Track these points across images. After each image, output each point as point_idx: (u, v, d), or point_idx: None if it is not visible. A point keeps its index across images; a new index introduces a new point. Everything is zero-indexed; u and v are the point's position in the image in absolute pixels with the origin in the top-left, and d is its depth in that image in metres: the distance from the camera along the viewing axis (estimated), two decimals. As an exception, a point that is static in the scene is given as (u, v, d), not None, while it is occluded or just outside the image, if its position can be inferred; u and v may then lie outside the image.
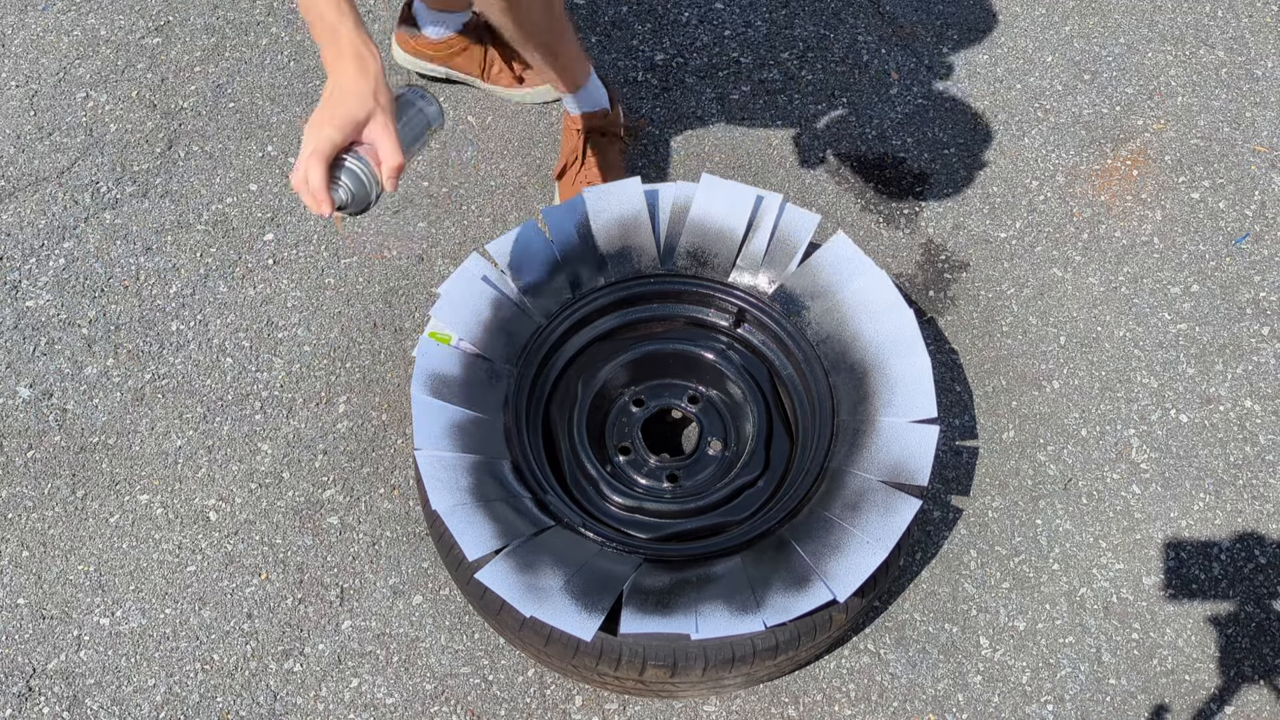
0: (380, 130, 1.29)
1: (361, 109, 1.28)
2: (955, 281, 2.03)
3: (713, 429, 1.75)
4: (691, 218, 1.78)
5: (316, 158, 1.25)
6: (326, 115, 1.27)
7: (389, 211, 2.10)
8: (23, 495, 1.80)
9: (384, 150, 1.30)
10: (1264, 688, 1.65)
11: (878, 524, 1.51)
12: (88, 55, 2.29)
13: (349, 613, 1.70)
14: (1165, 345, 1.95)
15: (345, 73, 1.28)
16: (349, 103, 1.27)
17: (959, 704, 1.64)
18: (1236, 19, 2.37)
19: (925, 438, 1.58)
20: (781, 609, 1.44)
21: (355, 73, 1.28)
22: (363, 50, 1.29)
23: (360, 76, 1.28)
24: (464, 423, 1.60)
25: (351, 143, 1.30)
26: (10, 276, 2.01)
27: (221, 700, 1.63)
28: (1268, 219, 2.10)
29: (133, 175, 2.13)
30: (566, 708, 1.62)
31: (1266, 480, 1.82)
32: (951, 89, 2.27)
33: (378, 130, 1.29)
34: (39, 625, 1.69)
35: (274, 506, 1.79)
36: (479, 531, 1.50)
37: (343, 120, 1.27)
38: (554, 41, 1.87)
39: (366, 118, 1.28)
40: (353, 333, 1.96)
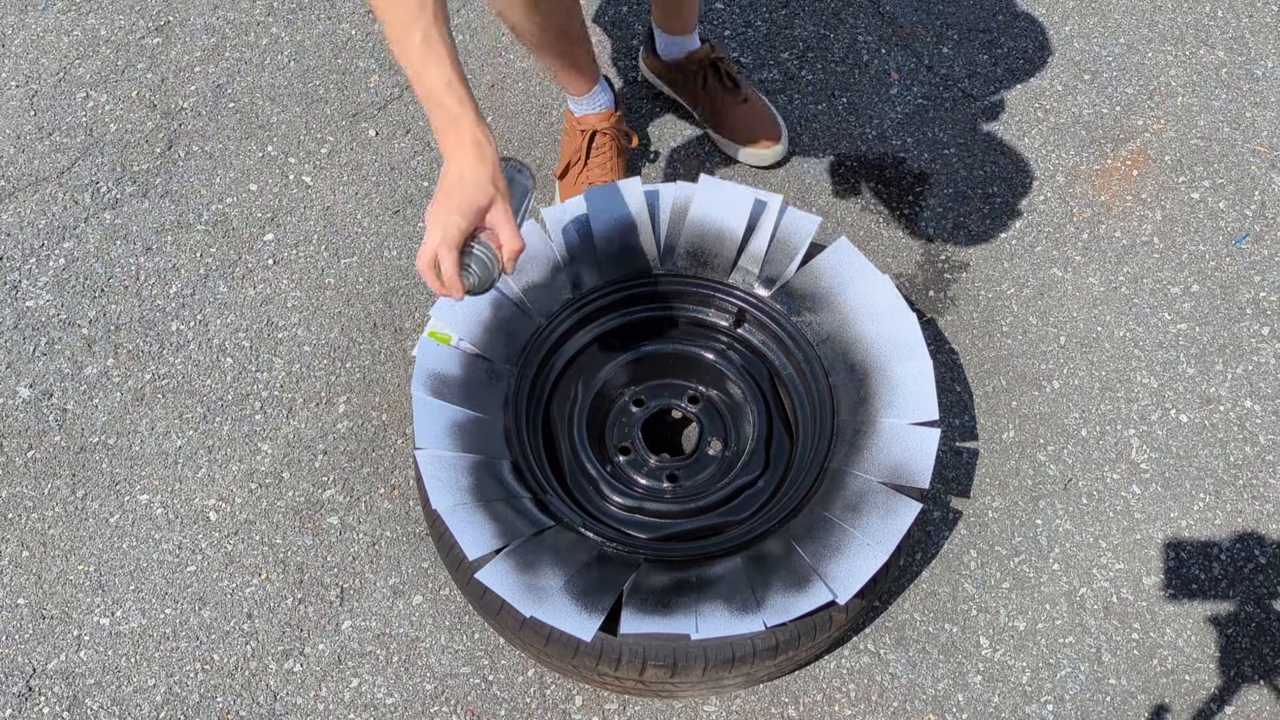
0: (500, 216, 1.36)
1: (484, 196, 1.34)
2: (955, 281, 2.03)
3: (713, 429, 1.75)
4: (691, 218, 1.78)
5: (447, 246, 1.32)
6: (452, 203, 1.33)
7: (389, 211, 2.10)
8: (23, 495, 1.80)
9: (505, 236, 1.37)
10: (1264, 688, 1.65)
11: (878, 526, 1.51)
12: (88, 55, 2.29)
13: (349, 613, 1.70)
14: (1165, 345, 1.95)
15: (466, 160, 1.33)
16: (472, 190, 1.33)
17: (959, 704, 1.64)
18: (1236, 19, 2.37)
19: (926, 440, 1.58)
20: (782, 609, 1.44)
21: (476, 160, 1.34)
22: (481, 138, 1.34)
23: (480, 164, 1.34)
24: (464, 422, 1.60)
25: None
26: (10, 276, 2.01)
27: (221, 700, 1.63)
28: (1268, 219, 2.10)
29: (133, 175, 2.13)
30: (566, 708, 1.62)
31: (1266, 480, 1.82)
32: (951, 89, 2.27)
33: (498, 216, 1.36)
34: (39, 625, 1.69)
35: (274, 506, 1.79)
36: (479, 531, 1.50)
37: (468, 208, 1.33)
38: (571, 47, 1.88)
39: (488, 204, 1.35)
40: (353, 333, 1.96)
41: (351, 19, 2.35)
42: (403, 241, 2.06)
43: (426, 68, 1.32)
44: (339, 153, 2.17)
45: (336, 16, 2.36)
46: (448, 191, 1.34)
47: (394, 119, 2.21)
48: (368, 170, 2.15)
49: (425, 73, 1.33)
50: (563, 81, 1.98)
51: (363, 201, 2.11)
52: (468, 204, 1.33)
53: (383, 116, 2.22)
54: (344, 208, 2.10)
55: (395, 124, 2.21)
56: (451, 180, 1.34)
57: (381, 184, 2.13)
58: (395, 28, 1.33)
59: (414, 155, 2.17)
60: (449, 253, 1.33)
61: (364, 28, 2.34)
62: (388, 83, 2.26)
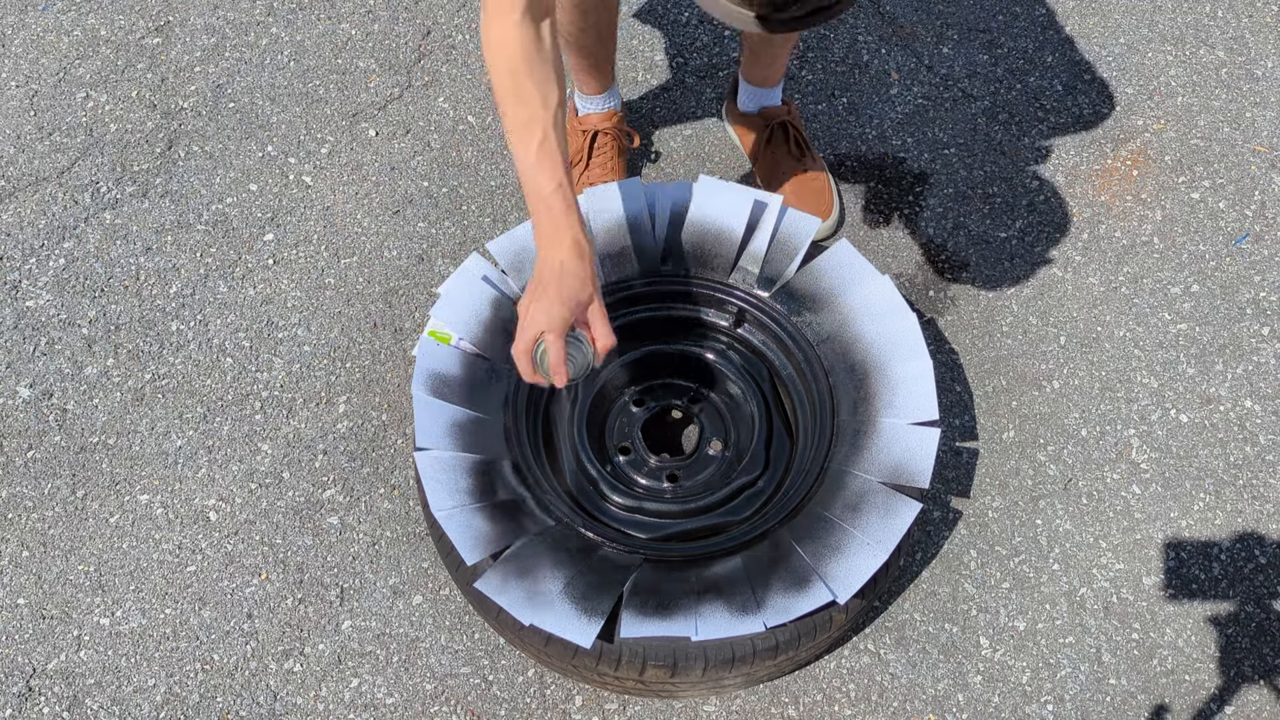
0: (597, 312, 1.45)
1: (584, 292, 1.42)
2: (955, 281, 2.03)
3: (713, 429, 1.75)
4: (691, 218, 1.78)
5: (555, 334, 1.40)
6: (555, 295, 1.40)
7: (389, 211, 2.10)
8: (23, 495, 1.80)
9: (599, 331, 1.45)
10: (1264, 688, 1.65)
11: (878, 526, 1.51)
12: (88, 55, 2.29)
13: (349, 613, 1.70)
14: (1165, 345, 1.95)
15: (571, 256, 1.40)
16: (574, 285, 1.41)
17: (959, 704, 1.64)
18: (1236, 19, 2.37)
19: (926, 440, 1.58)
20: (782, 609, 1.44)
21: (576, 258, 1.41)
22: (581, 238, 1.42)
23: (580, 261, 1.41)
24: (464, 422, 1.60)
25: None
26: (10, 276, 2.01)
27: (221, 700, 1.63)
28: (1268, 219, 2.10)
29: (133, 175, 2.13)
30: (566, 708, 1.62)
31: (1266, 480, 1.82)
32: (951, 89, 2.27)
33: (595, 312, 1.45)
34: (39, 625, 1.69)
35: (274, 506, 1.79)
36: (477, 536, 1.50)
37: (571, 302, 1.40)
38: (602, 46, 1.88)
39: (587, 300, 1.43)
40: (353, 333, 1.96)
41: (351, 19, 2.35)
42: (403, 241, 2.06)
43: (540, 169, 1.39)
44: (339, 153, 2.17)
45: (336, 16, 2.36)
46: (550, 283, 1.40)
47: (394, 119, 2.22)
48: (368, 170, 2.15)
49: (538, 174, 1.39)
50: (580, 79, 1.98)
51: (363, 201, 2.11)
52: (570, 299, 1.40)
53: (383, 116, 2.22)
54: (344, 208, 2.10)
55: (395, 124, 2.21)
56: (553, 272, 1.40)
57: (381, 184, 2.13)
58: (516, 124, 1.39)
59: (414, 155, 2.17)
60: (558, 340, 1.40)
61: (364, 28, 2.34)
62: (388, 83, 2.26)
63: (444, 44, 2.32)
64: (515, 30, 1.35)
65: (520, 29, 1.35)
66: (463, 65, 2.29)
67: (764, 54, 1.97)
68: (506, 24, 1.35)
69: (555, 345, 1.40)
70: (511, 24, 1.35)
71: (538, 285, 1.41)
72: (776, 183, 2.06)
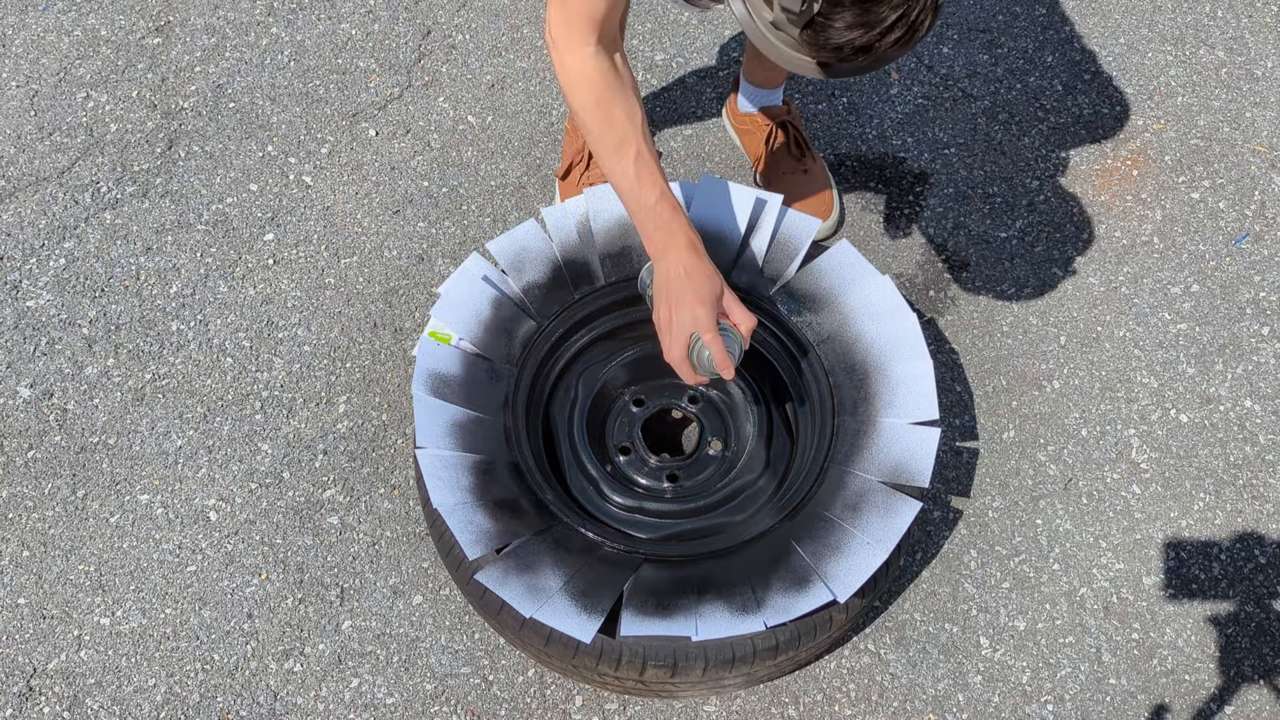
0: (731, 300, 1.49)
1: (716, 285, 1.47)
2: (955, 281, 2.03)
3: (713, 429, 1.75)
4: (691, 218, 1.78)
5: (711, 334, 1.45)
6: (693, 297, 1.44)
7: (389, 211, 2.10)
8: (23, 495, 1.80)
9: (738, 316, 1.50)
10: (1264, 688, 1.65)
11: (878, 525, 1.51)
12: (88, 55, 2.29)
13: (349, 613, 1.70)
14: (1165, 345, 1.95)
15: (690, 257, 1.45)
16: (707, 284, 1.45)
17: (959, 704, 1.64)
18: (1236, 19, 2.37)
19: (926, 439, 1.58)
20: (782, 609, 1.44)
21: (698, 257, 1.46)
22: (694, 237, 1.46)
23: (702, 260, 1.46)
24: (464, 422, 1.60)
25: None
26: (10, 276, 2.01)
27: (221, 700, 1.63)
28: (1268, 219, 2.10)
29: (133, 175, 2.13)
30: (566, 708, 1.62)
31: (1266, 480, 1.82)
32: (951, 89, 2.27)
33: (729, 301, 1.49)
34: (39, 625, 1.69)
35: (274, 506, 1.79)
36: (479, 531, 1.50)
37: (711, 299, 1.45)
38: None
39: (720, 292, 1.47)
40: (353, 333, 1.96)
41: (351, 19, 2.35)
42: (403, 241, 2.06)
43: (642, 183, 1.44)
44: (339, 153, 2.17)
45: (336, 16, 2.36)
46: (684, 289, 1.45)
47: (394, 119, 2.22)
48: (368, 170, 2.15)
49: (641, 189, 1.44)
50: None
51: (363, 201, 2.11)
52: (709, 297, 1.45)
53: (383, 116, 2.22)
54: (344, 208, 2.10)
55: (395, 124, 2.21)
56: (679, 277, 1.45)
57: (381, 184, 2.13)
58: (609, 148, 1.43)
59: (414, 155, 2.17)
60: (716, 338, 1.44)
61: (364, 28, 2.34)
62: (388, 83, 2.26)
63: (444, 44, 2.32)
64: (593, 61, 1.41)
65: (597, 59, 1.41)
66: (463, 65, 2.29)
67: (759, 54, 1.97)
68: (582, 56, 1.41)
69: (714, 343, 1.45)
70: (588, 55, 1.41)
71: (671, 294, 1.45)
72: (776, 182, 2.06)
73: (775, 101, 2.07)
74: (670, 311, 1.46)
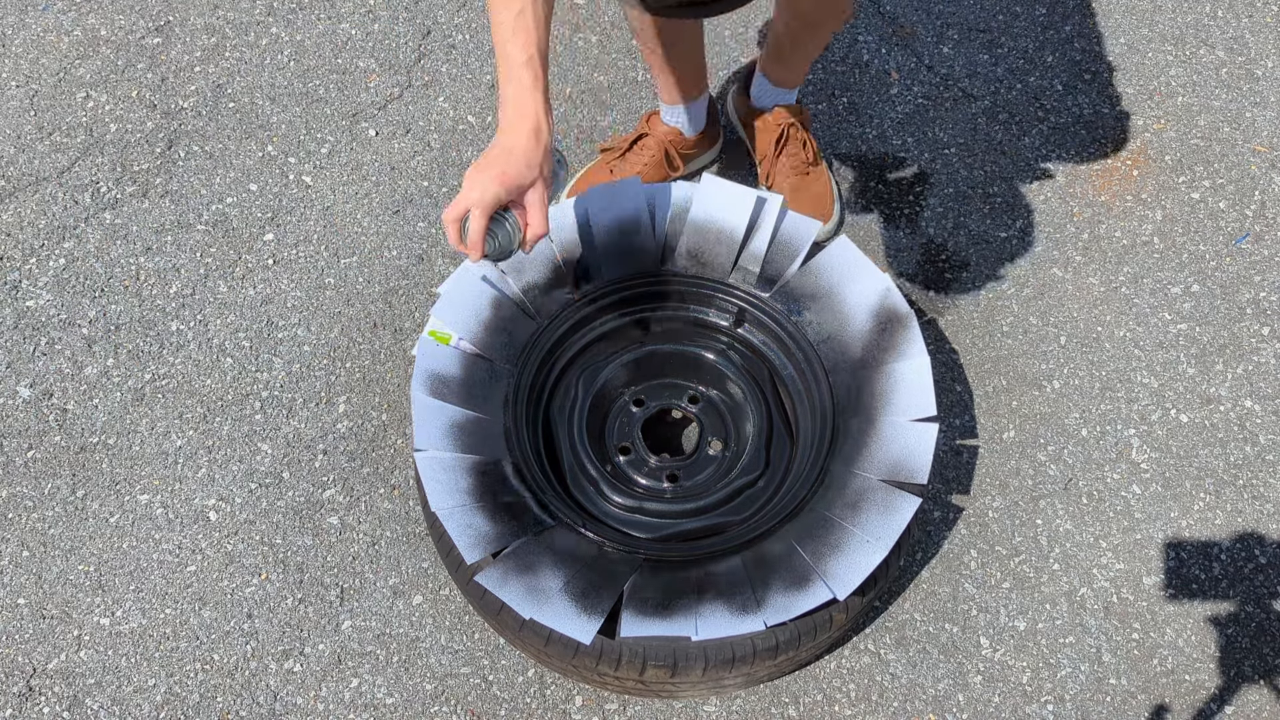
0: (536, 199, 1.40)
1: (529, 175, 1.38)
2: (955, 281, 2.03)
3: (713, 429, 1.75)
4: (692, 218, 1.78)
5: (481, 209, 1.36)
6: (496, 172, 1.36)
7: (389, 211, 2.10)
8: (23, 495, 1.80)
9: (534, 218, 1.41)
10: (1264, 688, 1.65)
11: (878, 522, 1.51)
12: (88, 55, 2.29)
13: (349, 613, 1.70)
14: (1165, 345, 1.95)
15: (521, 135, 1.37)
16: (519, 166, 1.37)
17: (959, 704, 1.64)
18: (1236, 19, 2.37)
19: (925, 436, 1.58)
20: (782, 609, 1.44)
21: (530, 139, 1.37)
22: (543, 121, 1.38)
23: (534, 144, 1.38)
24: (464, 423, 1.60)
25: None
26: (10, 276, 2.01)
27: (221, 700, 1.63)
28: (1268, 219, 2.10)
29: (133, 175, 2.13)
30: (566, 708, 1.62)
31: (1266, 480, 1.82)
32: (951, 89, 2.27)
33: (534, 198, 1.40)
34: (39, 625, 1.69)
35: (274, 506, 1.79)
36: (477, 535, 1.50)
37: (511, 182, 1.37)
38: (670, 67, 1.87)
39: (529, 185, 1.39)
40: (353, 333, 1.96)
41: (351, 19, 2.35)
42: (403, 241, 2.06)
43: (514, 39, 1.36)
44: (339, 153, 2.17)
45: (336, 16, 2.36)
46: (496, 159, 1.37)
47: (394, 119, 2.22)
48: (368, 170, 2.15)
49: (510, 44, 1.36)
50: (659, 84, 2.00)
51: (363, 201, 2.11)
52: (511, 178, 1.37)
53: (383, 116, 2.22)
54: (344, 208, 2.10)
55: (395, 124, 2.21)
56: (502, 150, 1.37)
57: (381, 184, 2.13)
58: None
59: (414, 155, 2.17)
60: (481, 216, 1.36)
61: (364, 28, 2.34)
62: (388, 83, 2.26)
63: (444, 44, 2.32)
64: None
65: None
66: (463, 65, 2.29)
67: (791, 56, 1.94)
68: None
69: (477, 220, 1.37)
70: None
71: (486, 157, 1.38)
72: (780, 183, 2.06)
73: (790, 101, 2.06)
74: (472, 172, 1.38)
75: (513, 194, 1.38)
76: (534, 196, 1.41)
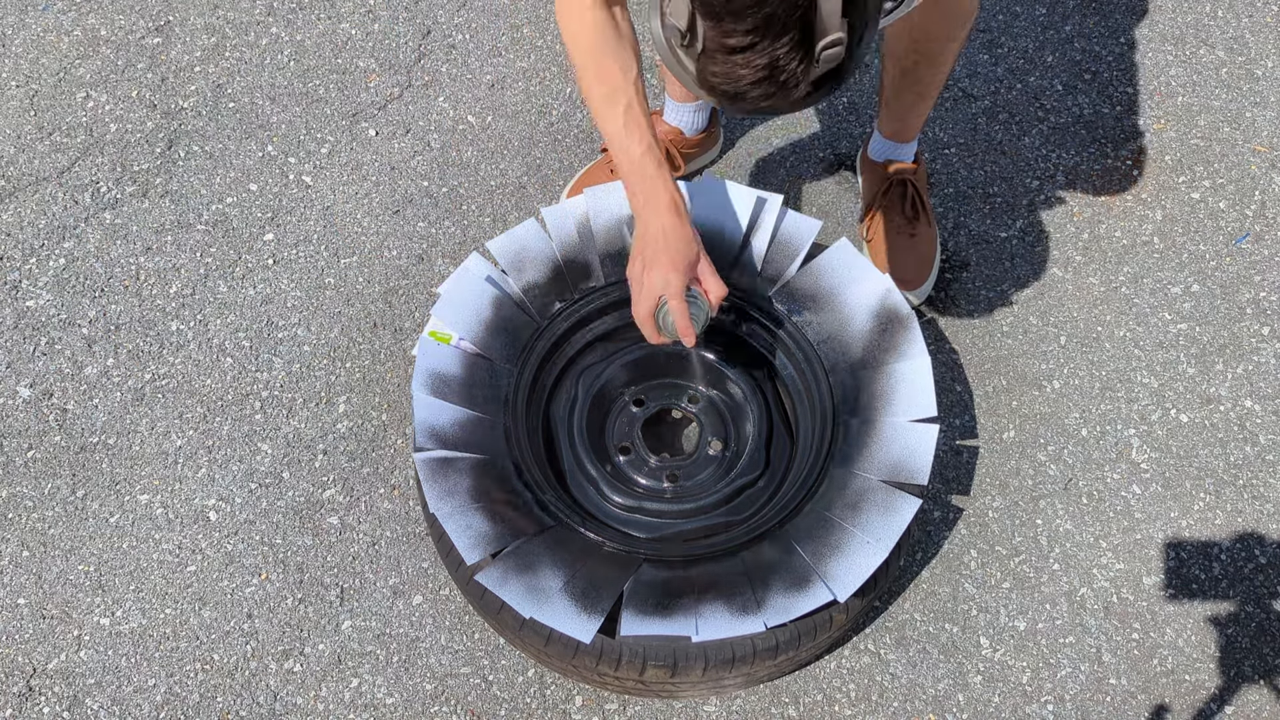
0: (706, 268, 1.51)
1: (692, 251, 1.48)
2: (955, 281, 2.03)
3: (713, 429, 1.75)
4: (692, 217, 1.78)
5: (678, 299, 1.46)
6: (667, 260, 1.46)
7: (389, 211, 2.10)
8: (23, 495, 1.80)
9: (711, 285, 1.52)
10: (1264, 688, 1.65)
11: (878, 523, 1.51)
12: (88, 55, 2.29)
13: (349, 613, 1.70)
14: (1165, 345, 1.95)
15: (670, 219, 1.46)
16: (682, 248, 1.46)
17: (959, 704, 1.64)
18: (1236, 19, 2.37)
19: (925, 437, 1.58)
20: (782, 609, 1.44)
21: (677, 219, 1.46)
22: (677, 197, 1.47)
23: (681, 223, 1.46)
24: (464, 422, 1.60)
25: None
26: (10, 276, 2.01)
27: (221, 700, 1.63)
28: (1268, 219, 2.10)
29: (133, 175, 2.13)
30: (566, 708, 1.62)
31: (1266, 480, 1.82)
32: (951, 89, 2.27)
33: (704, 268, 1.51)
34: (39, 625, 1.69)
35: (274, 506, 1.79)
36: (477, 535, 1.50)
37: (684, 265, 1.47)
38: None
39: (696, 258, 1.49)
40: (353, 333, 1.96)
41: (351, 19, 2.35)
42: (403, 241, 2.06)
43: (629, 135, 1.44)
44: (339, 153, 2.17)
45: (336, 16, 2.36)
46: (660, 250, 1.45)
47: (394, 119, 2.22)
48: (368, 170, 2.15)
49: (627, 139, 1.44)
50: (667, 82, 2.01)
51: (363, 201, 2.11)
52: (682, 262, 1.46)
53: (383, 116, 2.22)
54: (344, 208, 2.10)
55: (395, 124, 2.21)
56: (656, 237, 1.46)
57: (381, 184, 2.13)
58: (600, 99, 1.44)
59: (414, 155, 2.17)
60: (680, 304, 1.46)
61: (364, 28, 2.34)
62: (388, 83, 2.26)
63: (444, 44, 2.32)
64: (590, 14, 1.42)
65: (594, 12, 1.42)
66: (463, 65, 2.29)
67: (894, 105, 1.89)
68: (581, 8, 1.42)
69: (679, 309, 1.46)
70: (586, 7, 1.42)
71: (646, 252, 1.46)
72: (880, 238, 1.98)
73: (902, 158, 1.99)
74: (644, 270, 1.46)
75: (689, 273, 1.48)
76: (703, 267, 1.50)
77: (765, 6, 1.03)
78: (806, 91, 1.12)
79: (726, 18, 1.05)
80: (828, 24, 1.05)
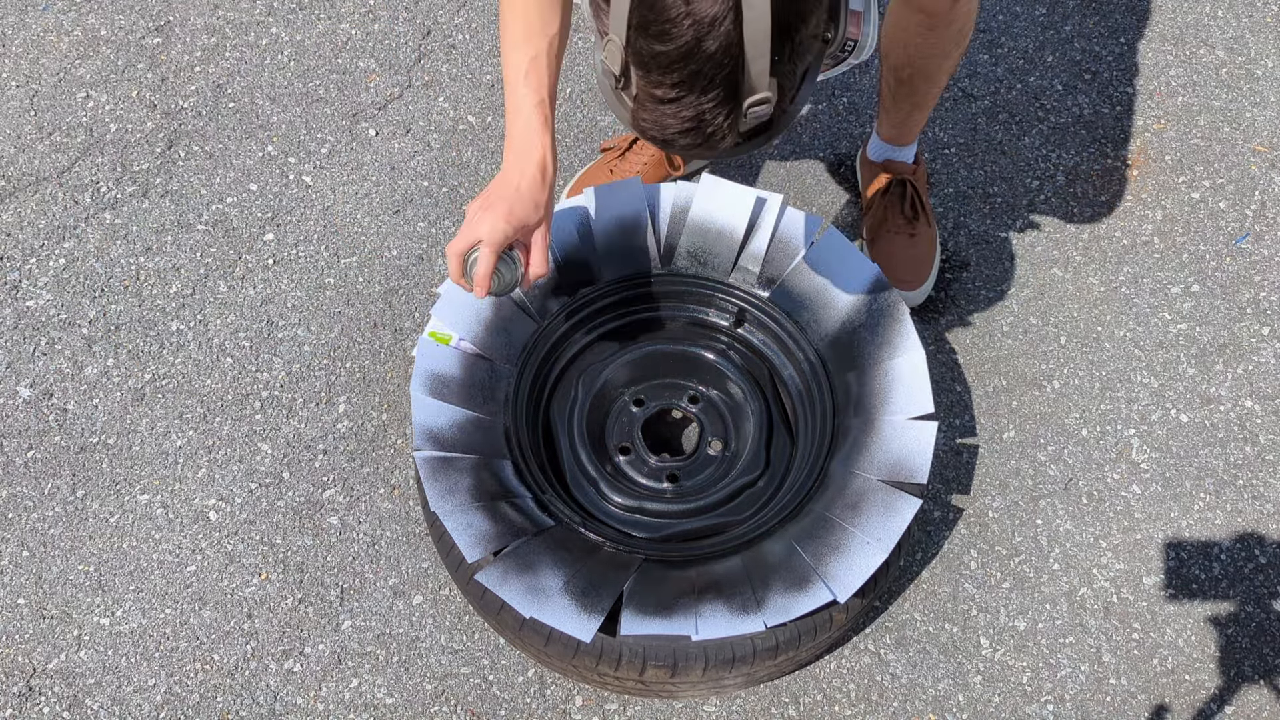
0: (539, 240, 1.44)
1: (534, 215, 1.42)
2: (955, 281, 2.03)
3: (713, 429, 1.75)
4: (692, 218, 1.78)
5: (491, 247, 1.38)
6: (504, 210, 1.39)
7: (389, 211, 2.10)
8: (23, 495, 1.80)
9: (535, 259, 1.45)
10: (1264, 688, 1.65)
11: (878, 523, 1.51)
12: (88, 55, 2.29)
13: (349, 613, 1.70)
14: (1165, 345, 1.95)
15: (528, 176, 1.40)
16: (526, 206, 1.40)
17: (959, 704, 1.64)
18: (1236, 19, 2.37)
19: (924, 435, 1.58)
20: (782, 609, 1.44)
21: (537, 180, 1.41)
22: (549, 162, 1.42)
23: (540, 185, 1.41)
24: (464, 422, 1.60)
25: None
26: (10, 276, 2.01)
27: (221, 700, 1.63)
28: (1268, 219, 2.10)
29: (133, 175, 2.13)
30: (566, 708, 1.62)
31: (1266, 480, 1.82)
32: (951, 89, 2.27)
33: (537, 238, 1.44)
34: (39, 625, 1.69)
35: (274, 506, 1.79)
36: (478, 534, 1.50)
37: (519, 221, 1.40)
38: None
39: (535, 225, 1.43)
40: (353, 333, 1.96)
41: (351, 19, 2.35)
42: (403, 241, 2.06)
43: (526, 85, 1.40)
44: (339, 153, 2.17)
45: (336, 16, 2.36)
46: (503, 197, 1.40)
47: (394, 119, 2.22)
48: (368, 170, 2.15)
49: (523, 86, 1.40)
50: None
51: (363, 201, 2.11)
52: (519, 217, 1.40)
53: (383, 116, 2.22)
54: (344, 208, 2.10)
55: (395, 124, 2.21)
56: (510, 188, 1.40)
57: (381, 184, 2.13)
58: (513, 39, 1.40)
59: (414, 155, 2.17)
60: (490, 255, 1.39)
61: (364, 28, 2.34)
62: (388, 83, 2.26)
63: (444, 44, 2.32)
64: None
65: None
66: (463, 65, 2.29)
67: (892, 113, 1.89)
68: None
69: (486, 258, 1.39)
70: None
71: (492, 195, 1.41)
72: (880, 238, 1.98)
73: (901, 158, 2.00)
74: (480, 209, 1.41)
75: (519, 233, 1.41)
76: (537, 236, 1.44)
77: (690, 63, 1.02)
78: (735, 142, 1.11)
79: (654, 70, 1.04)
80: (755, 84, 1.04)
